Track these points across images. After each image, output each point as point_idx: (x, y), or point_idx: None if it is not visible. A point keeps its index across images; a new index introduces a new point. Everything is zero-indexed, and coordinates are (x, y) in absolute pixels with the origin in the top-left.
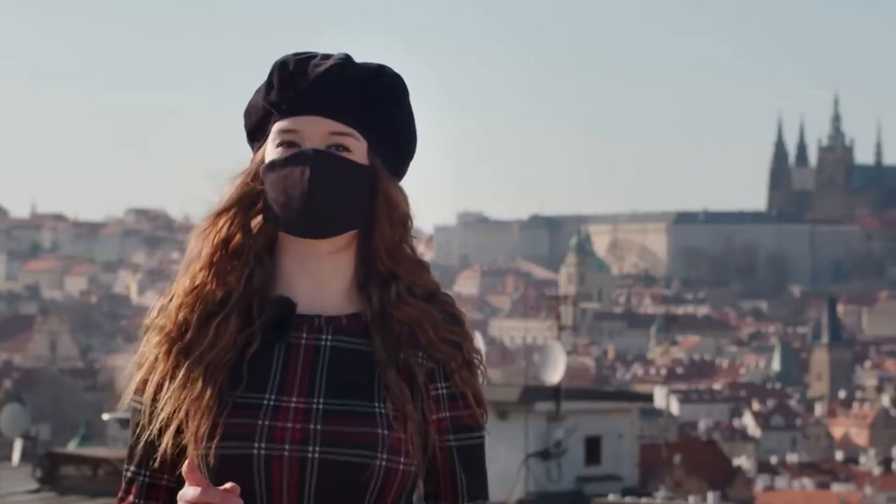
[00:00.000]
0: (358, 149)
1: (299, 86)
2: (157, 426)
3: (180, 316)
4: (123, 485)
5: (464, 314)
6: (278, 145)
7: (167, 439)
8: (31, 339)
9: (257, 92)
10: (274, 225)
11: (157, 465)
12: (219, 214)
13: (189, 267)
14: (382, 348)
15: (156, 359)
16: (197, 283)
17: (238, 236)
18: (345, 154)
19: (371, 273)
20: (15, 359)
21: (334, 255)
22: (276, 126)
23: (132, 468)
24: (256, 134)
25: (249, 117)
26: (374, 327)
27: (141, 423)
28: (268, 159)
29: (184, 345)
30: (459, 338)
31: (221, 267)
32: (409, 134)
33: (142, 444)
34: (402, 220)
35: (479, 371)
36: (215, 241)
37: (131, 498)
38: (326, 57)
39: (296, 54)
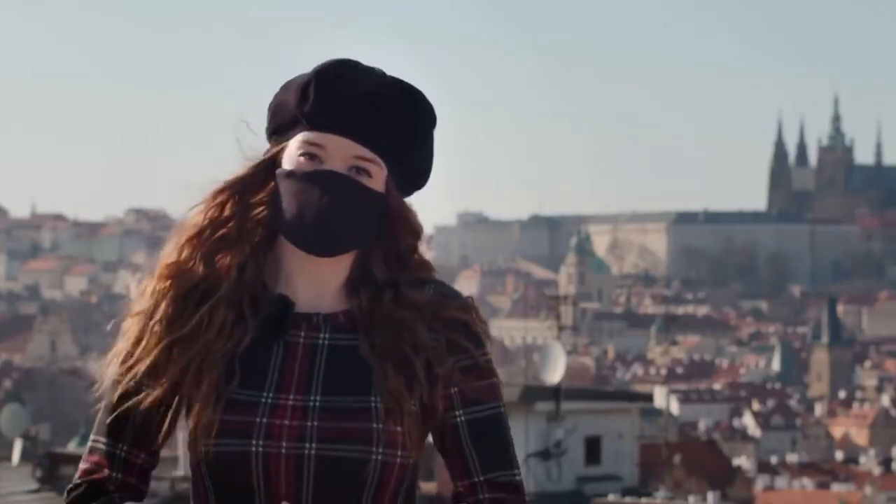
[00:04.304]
0: (378, 175)
1: (335, 104)
2: (144, 405)
3: (161, 290)
4: (97, 457)
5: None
6: (301, 155)
7: (150, 418)
8: (31, 339)
9: (285, 90)
10: (281, 233)
11: (135, 442)
12: (217, 193)
13: (177, 238)
14: (371, 345)
15: (138, 334)
16: (181, 257)
17: (232, 221)
18: (364, 179)
19: (365, 275)
20: (15, 359)
21: (335, 258)
22: (302, 136)
23: (107, 440)
24: (279, 131)
25: (275, 116)
26: (363, 325)
27: (122, 397)
28: (288, 165)
29: (167, 323)
30: (465, 313)
31: (209, 247)
32: (429, 164)
33: (122, 419)
34: (416, 233)
35: (485, 341)
36: (207, 218)
37: (107, 471)
38: (365, 73)
39: (336, 64)
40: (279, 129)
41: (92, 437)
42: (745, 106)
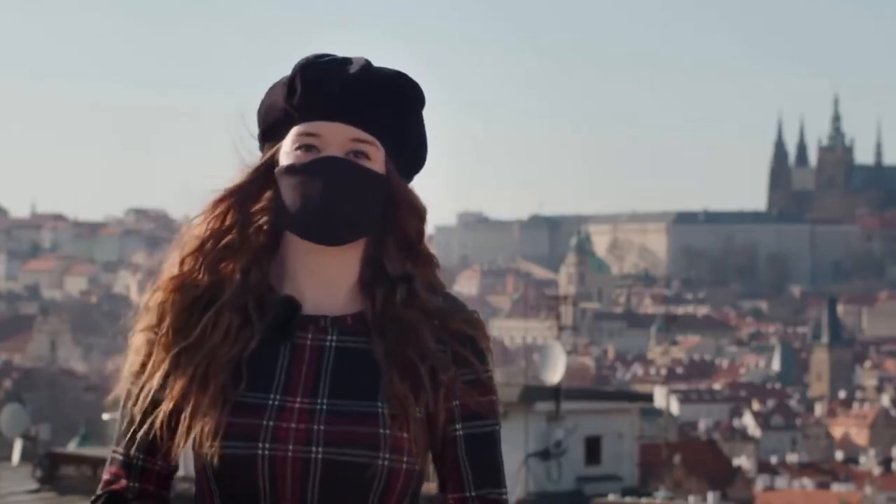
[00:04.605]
0: (377, 157)
1: (323, 91)
2: (157, 415)
3: (165, 302)
4: (115, 468)
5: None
6: (297, 148)
7: (164, 428)
8: (31, 339)
9: (271, 92)
10: (288, 229)
11: (151, 450)
12: (217, 202)
13: (179, 251)
14: (384, 348)
15: (148, 348)
16: (184, 269)
17: (234, 230)
18: (364, 162)
19: (377, 273)
20: (15, 359)
21: (342, 255)
22: (297, 129)
23: (124, 451)
24: (271, 134)
25: (265, 118)
26: (375, 327)
27: (136, 408)
28: (285, 162)
29: (173, 334)
30: (472, 328)
31: (212, 256)
32: (424, 143)
33: (137, 429)
34: (422, 215)
35: (489, 357)
36: (210, 229)
37: (124, 481)
38: (347, 61)
39: (317, 57)
40: (271, 130)
41: (112, 448)
42: (745, 106)
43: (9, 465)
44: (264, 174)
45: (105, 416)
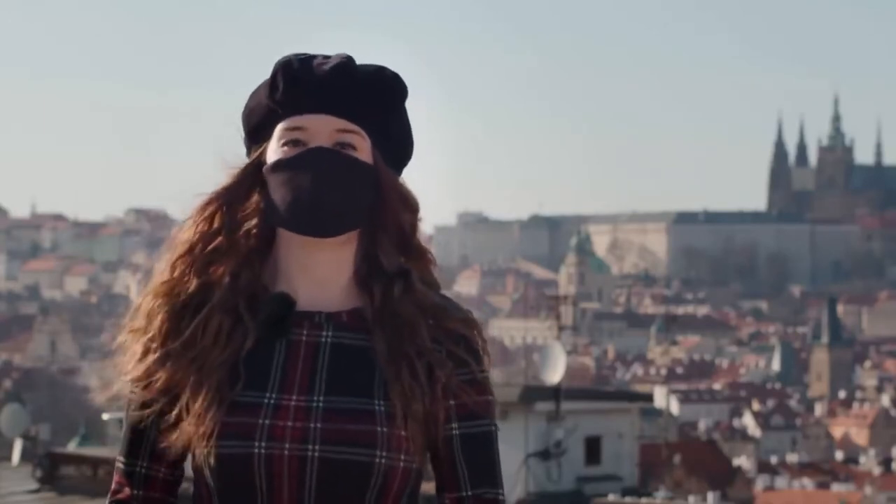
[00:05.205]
0: (363, 147)
1: (305, 84)
2: (156, 422)
3: (156, 307)
4: (118, 477)
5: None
6: (284, 144)
7: (164, 434)
8: (31, 339)
9: (254, 95)
10: (279, 225)
11: (154, 457)
12: (205, 205)
13: (169, 255)
14: (384, 344)
15: (142, 352)
16: (174, 274)
17: (222, 233)
18: (351, 152)
19: (374, 269)
20: (15, 359)
21: (335, 251)
22: (282, 125)
23: (128, 460)
24: (257, 135)
25: (250, 119)
26: (375, 323)
27: (136, 416)
28: (272, 159)
29: (165, 339)
30: (467, 328)
31: (201, 259)
32: (409, 135)
33: (138, 436)
34: (414, 207)
35: (485, 358)
36: (198, 232)
37: (128, 490)
38: (327, 57)
39: (297, 55)
40: (256, 131)
41: (117, 457)
42: (745, 106)
43: (9, 465)
44: (252, 175)
45: (105, 416)
